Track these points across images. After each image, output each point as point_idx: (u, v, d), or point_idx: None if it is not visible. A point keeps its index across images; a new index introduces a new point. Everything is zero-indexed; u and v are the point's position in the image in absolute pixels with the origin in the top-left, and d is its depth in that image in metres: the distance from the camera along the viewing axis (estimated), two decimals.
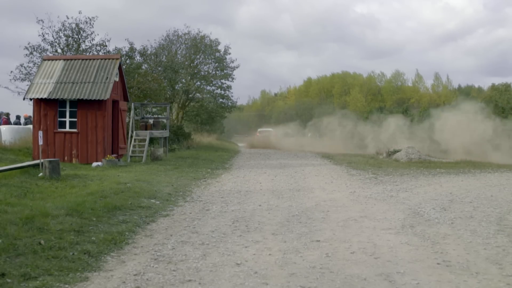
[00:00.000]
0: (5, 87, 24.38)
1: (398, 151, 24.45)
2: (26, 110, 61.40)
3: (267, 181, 14.08)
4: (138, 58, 29.07)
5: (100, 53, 24.05)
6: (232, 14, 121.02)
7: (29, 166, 12.19)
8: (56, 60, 18.10)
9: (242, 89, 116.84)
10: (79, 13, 28.78)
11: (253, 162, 21.94)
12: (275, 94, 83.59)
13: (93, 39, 24.39)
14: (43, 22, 23.57)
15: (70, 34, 23.90)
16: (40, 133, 13.14)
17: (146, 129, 20.36)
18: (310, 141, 36.39)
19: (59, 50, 23.83)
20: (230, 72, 34.98)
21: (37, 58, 23.49)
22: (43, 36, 23.63)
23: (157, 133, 20.41)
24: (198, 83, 34.15)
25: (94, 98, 16.59)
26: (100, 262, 5.52)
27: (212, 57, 34.26)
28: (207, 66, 34.76)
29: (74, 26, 23.85)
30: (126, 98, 19.32)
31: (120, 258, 5.74)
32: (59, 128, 16.86)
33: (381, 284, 5.02)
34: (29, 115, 22.98)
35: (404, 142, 25.50)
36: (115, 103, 18.08)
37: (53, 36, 23.84)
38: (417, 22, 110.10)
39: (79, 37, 24.06)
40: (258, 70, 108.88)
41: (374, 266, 5.62)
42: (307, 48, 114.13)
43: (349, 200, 10.64)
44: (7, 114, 23.75)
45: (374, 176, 15.86)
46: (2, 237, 5.86)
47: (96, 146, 16.75)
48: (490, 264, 5.79)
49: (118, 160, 16.96)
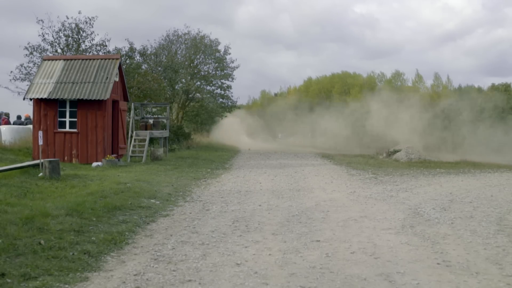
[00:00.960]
0: (5, 87, 24.44)
1: (398, 151, 24.47)
2: (26, 110, 61.42)
3: (267, 181, 14.08)
4: (138, 58, 29.07)
5: (100, 53, 24.04)
6: (231, 14, 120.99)
7: (29, 166, 12.19)
8: (56, 60, 18.10)
9: (242, 89, 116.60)
10: (79, 13, 28.73)
11: (253, 162, 21.93)
12: (275, 94, 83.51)
13: (93, 39, 24.41)
14: (43, 22, 23.58)
15: (70, 34, 23.89)
16: (40, 133, 13.14)
17: (146, 129, 20.36)
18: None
19: (59, 50, 23.82)
20: (230, 72, 34.98)
21: (37, 58, 23.49)
22: (43, 36, 23.65)
23: (157, 133, 20.41)
24: (198, 83, 34.13)
25: (94, 98, 16.59)
26: (100, 262, 5.52)
27: (212, 57, 34.22)
28: (207, 66, 34.74)
29: (74, 26, 23.86)
30: (126, 98, 19.32)
31: (120, 258, 5.74)
32: (59, 128, 16.86)
33: (381, 284, 5.02)
34: (29, 115, 22.97)
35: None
36: (115, 103, 18.08)
37: (53, 36, 23.86)
38: (416, 22, 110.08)
39: (79, 37, 24.05)
40: (257, 70, 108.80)
41: (374, 266, 5.62)
42: (306, 48, 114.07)
43: (349, 200, 10.64)
44: (7, 114, 23.73)
45: (374, 176, 15.86)
46: (2, 237, 5.86)
47: (96, 146, 16.75)
48: (490, 264, 5.79)
49: (118, 160, 16.96)
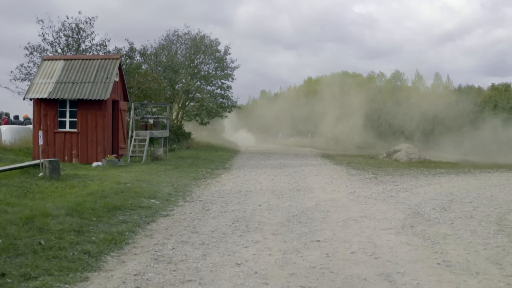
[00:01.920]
0: (5, 87, 24.38)
1: (398, 151, 24.47)
2: (26, 110, 61.42)
3: (267, 181, 14.08)
4: (138, 58, 29.06)
5: (100, 53, 24.03)
6: (230, 14, 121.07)
7: (29, 166, 12.19)
8: (56, 60, 18.10)
9: (241, 89, 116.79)
10: (79, 13, 28.74)
11: (253, 162, 21.93)
12: (275, 94, 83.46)
13: (93, 39, 24.39)
14: (43, 22, 23.56)
15: (70, 34, 23.87)
16: (40, 133, 13.13)
17: (146, 129, 20.36)
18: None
19: (59, 50, 23.80)
20: (230, 72, 34.97)
21: (37, 58, 23.46)
22: (43, 36, 23.63)
23: (157, 133, 20.41)
24: (198, 83, 34.12)
25: (94, 98, 16.59)
26: (100, 262, 5.52)
27: (212, 57, 34.22)
28: (207, 66, 34.72)
29: (74, 26, 23.84)
30: (126, 98, 19.32)
31: (120, 258, 5.74)
32: (59, 128, 16.86)
33: (381, 284, 5.02)
34: (28, 116, 22.96)
35: None
36: (115, 103, 18.08)
37: (53, 36, 23.83)
38: (415, 22, 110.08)
39: (79, 37, 24.03)
40: (257, 70, 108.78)
41: (374, 266, 5.62)
42: (306, 48, 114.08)
43: (349, 200, 10.64)
44: (8, 114, 23.73)
45: (374, 176, 15.87)
46: (2, 237, 5.86)
47: (96, 146, 16.75)
48: (490, 264, 5.79)
49: (118, 160, 16.96)
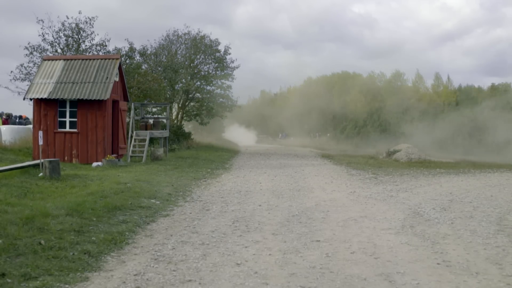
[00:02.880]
0: (5, 87, 24.36)
1: (398, 151, 24.47)
2: (26, 110, 61.44)
3: (267, 181, 14.08)
4: (138, 58, 29.06)
5: (100, 53, 24.04)
6: (229, 14, 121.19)
7: (29, 166, 12.19)
8: (56, 60, 18.10)
9: (241, 89, 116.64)
10: (79, 13, 28.77)
11: (253, 162, 21.94)
12: (275, 94, 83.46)
13: (93, 39, 24.41)
14: (43, 22, 23.58)
15: (70, 34, 23.89)
16: (40, 133, 13.13)
17: (146, 129, 20.36)
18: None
19: (59, 50, 23.81)
20: (230, 72, 34.98)
21: (37, 58, 23.47)
22: (43, 36, 23.64)
23: (157, 133, 20.41)
24: (198, 83, 34.13)
25: (94, 98, 16.59)
26: (100, 262, 5.52)
27: (212, 57, 34.22)
28: (207, 66, 34.74)
29: (74, 26, 23.85)
30: (126, 98, 19.32)
31: (120, 258, 5.74)
32: (59, 128, 16.86)
33: (381, 284, 5.02)
34: (27, 116, 22.96)
35: None
36: (115, 103, 18.08)
37: (53, 36, 23.85)
38: (414, 22, 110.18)
39: (79, 37, 24.04)
40: (256, 70, 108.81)
41: (374, 266, 5.62)
42: (305, 48, 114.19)
43: (349, 200, 10.64)
44: (8, 114, 23.74)
45: (374, 176, 15.87)
46: (2, 237, 5.86)
47: (96, 146, 16.75)
48: (490, 264, 5.79)
49: (118, 160, 16.95)
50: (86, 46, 24.21)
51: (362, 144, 37.91)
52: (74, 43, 23.99)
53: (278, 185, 13.12)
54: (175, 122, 32.48)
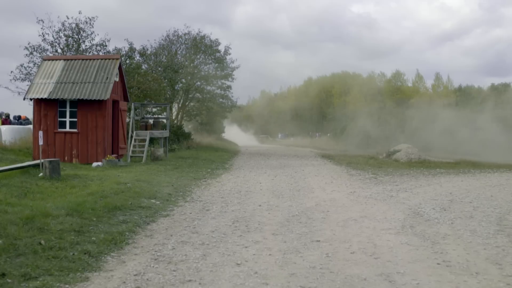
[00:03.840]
0: (5, 87, 24.37)
1: (398, 151, 24.47)
2: (26, 110, 61.39)
3: (267, 181, 14.08)
4: (138, 58, 29.06)
5: (100, 53, 24.04)
6: (228, 14, 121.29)
7: (29, 166, 12.19)
8: (56, 60, 18.10)
9: (241, 89, 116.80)
10: (79, 13, 28.78)
11: (253, 162, 21.94)
12: (275, 94, 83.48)
13: (93, 39, 24.41)
14: (43, 22, 23.57)
15: (70, 34, 23.88)
16: (40, 133, 13.13)
17: (146, 129, 20.36)
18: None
19: (59, 50, 23.80)
20: (230, 72, 34.99)
21: (37, 58, 23.46)
22: (43, 36, 23.64)
23: (157, 133, 20.41)
24: (198, 83, 34.13)
25: (94, 98, 16.59)
26: (100, 262, 5.52)
27: (212, 57, 34.23)
28: (207, 66, 34.75)
29: (74, 26, 23.85)
30: (126, 98, 19.32)
31: (120, 258, 5.74)
32: (59, 128, 16.86)
33: (381, 284, 5.03)
34: (26, 117, 22.94)
35: None
36: (115, 103, 18.08)
37: (53, 36, 23.84)
38: (414, 22, 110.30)
39: (79, 37, 24.04)
40: (256, 70, 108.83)
41: (374, 266, 5.62)
42: (304, 48, 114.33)
43: (349, 200, 10.64)
44: (7, 115, 23.72)
45: (374, 176, 15.87)
46: (2, 237, 5.86)
47: (96, 146, 16.75)
48: (490, 264, 5.79)
49: (118, 160, 16.96)
50: (86, 46, 24.23)
51: (362, 144, 37.86)
52: (74, 43, 23.99)
53: (278, 185, 13.12)
54: (175, 122, 32.48)
